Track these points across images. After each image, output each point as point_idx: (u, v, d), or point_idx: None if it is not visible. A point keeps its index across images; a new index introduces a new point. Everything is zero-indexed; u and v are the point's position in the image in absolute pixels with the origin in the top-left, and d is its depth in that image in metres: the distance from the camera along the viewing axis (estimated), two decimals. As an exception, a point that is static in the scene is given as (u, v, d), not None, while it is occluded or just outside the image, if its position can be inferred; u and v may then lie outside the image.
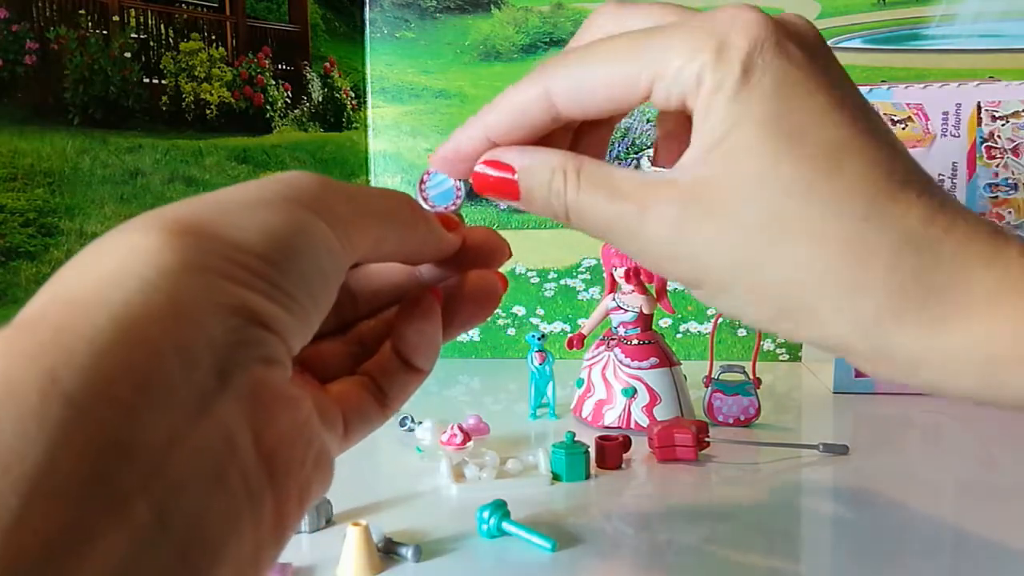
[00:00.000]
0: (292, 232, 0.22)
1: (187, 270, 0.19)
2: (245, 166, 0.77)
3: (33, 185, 0.63)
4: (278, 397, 0.20)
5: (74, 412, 0.16)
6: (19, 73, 0.62)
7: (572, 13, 0.85)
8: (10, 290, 0.62)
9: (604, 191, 0.28)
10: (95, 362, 0.16)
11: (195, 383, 0.18)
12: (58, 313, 0.17)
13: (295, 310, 0.21)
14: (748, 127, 0.26)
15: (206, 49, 0.74)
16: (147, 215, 0.20)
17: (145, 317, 0.17)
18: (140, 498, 0.16)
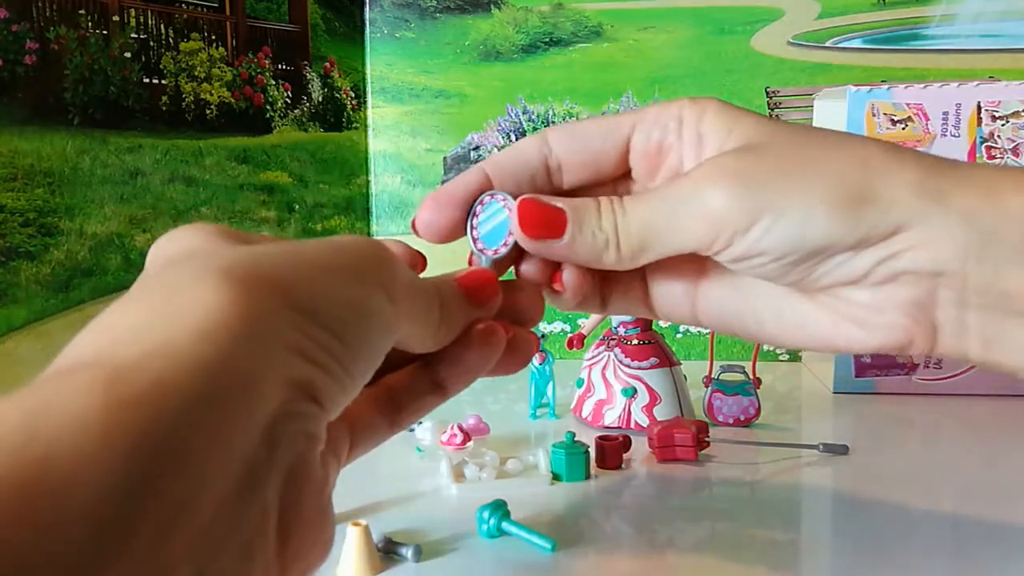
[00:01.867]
0: (366, 313, 0.22)
1: (261, 338, 0.19)
2: (245, 166, 0.77)
3: (33, 185, 0.63)
4: (310, 478, 0.20)
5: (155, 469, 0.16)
6: (19, 73, 0.62)
7: (572, 13, 0.85)
8: (10, 290, 0.62)
9: (642, 197, 0.31)
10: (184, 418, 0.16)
11: (250, 452, 0.18)
12: (156, 367, 0.17)
13: (347, 385, 0.22)
14: (752, 122, 0.30)
15: (206, 49, 0.74)
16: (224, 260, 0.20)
17: (224, 382, 0.18)
18: (186, 563, 0.16)
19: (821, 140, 0.30)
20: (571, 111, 0.84)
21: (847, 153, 0.29)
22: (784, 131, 0.30)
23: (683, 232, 0.30)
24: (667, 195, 0.30)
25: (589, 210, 0.31)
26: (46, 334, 0.64)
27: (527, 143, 0.33)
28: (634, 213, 0.30)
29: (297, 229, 0.81)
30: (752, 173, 0.29)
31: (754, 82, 0.82)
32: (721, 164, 0.29)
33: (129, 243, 0.69)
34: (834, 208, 0.28)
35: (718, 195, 0.29)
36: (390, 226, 0.87)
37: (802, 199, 0.28)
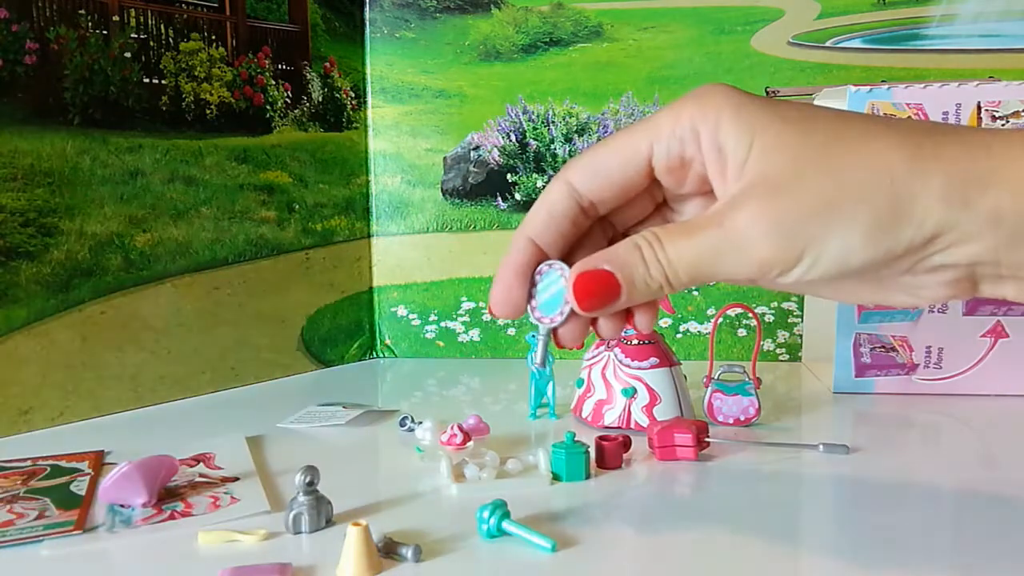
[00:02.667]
0: None
1: None
2: (245, 166, 0.77)
3: (33, 185, 0.63)
4: None
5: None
6: (19, 73, 0.62)
7: (572, 13, 0.85)
8: (10, 290, 0.62)
9: (683, 235, 0.32)
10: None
11: None
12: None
13: None
14: (767, 128, 0.31)
15: (206, 49, 0.74)
16: None
17: None
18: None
19: (843, 150, 0.31)
20: (571, 111, 0.84)
21: (872, 169, 0.30)
22: (804, 141, 0.31)
23: (731, 271, 0.32)
24: (710, 238, 0.32)
25: (636, 265, 0.33)
26: (46, 334, 0.64)
27: (554, 196, 0.35)
28: (680, 258, 0.32)
29: (297, 229, 0.81)
30: (790, 218, 0.30)
31: (754, 82, 0.82)
32: (759, 210, 0.31)
33: (129, 243, 0.69)
34: (870, 235, 0.30)
35: (762, 245, 0.31)
36: (390, 226, 0.87)
37: (841, 233, 0.30)
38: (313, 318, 0.83)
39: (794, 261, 0.31)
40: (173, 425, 0.66)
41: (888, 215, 0.30)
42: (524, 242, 0.36)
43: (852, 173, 0.30)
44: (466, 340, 0.87)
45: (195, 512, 0.45)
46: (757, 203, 0.31)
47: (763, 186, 0.31)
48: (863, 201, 0.30)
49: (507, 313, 0.36)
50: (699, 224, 0.32)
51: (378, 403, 0.72)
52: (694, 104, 0.32)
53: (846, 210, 0.30)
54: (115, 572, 0.40)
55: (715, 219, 0.32)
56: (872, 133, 0.31)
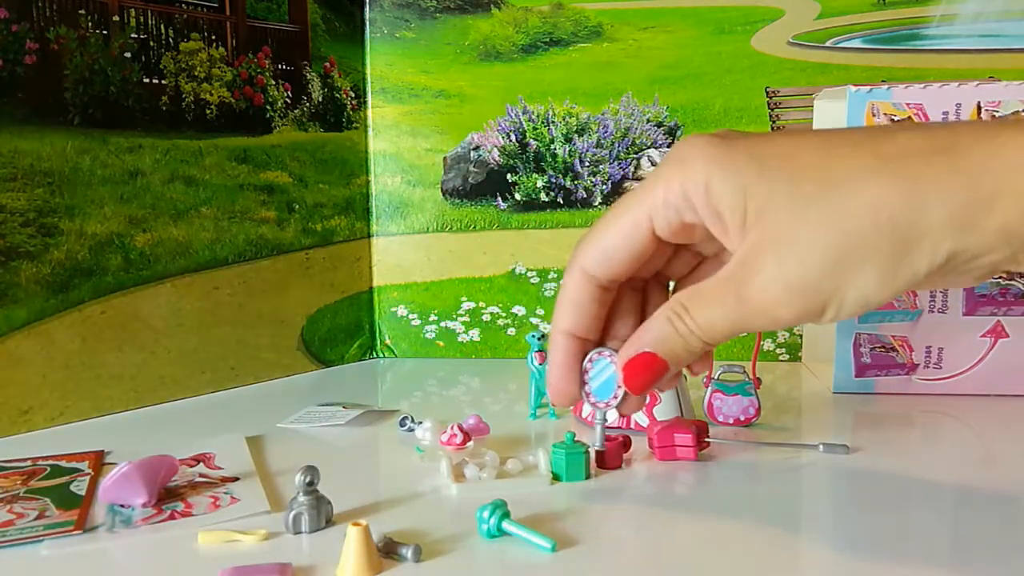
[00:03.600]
0: None
1: None
2: (245, 166, 0.77)
3: (33, 185, 0.63)
4: None
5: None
6: (19, 73, 0.62)
7: (572, 13, 0.85)
8: (10, 290, 0.62)
9: (708, 302, 0.34)
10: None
11: None
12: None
13: None
14: (756, 187, 0.32)
15: (206, 49, 0.74)
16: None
17: None
18: None
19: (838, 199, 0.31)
20: (571, 111, 0.84)
21: (871, 216, 0.30)
22: (795, 192, 0.31)
23: (762, 328, 0.34)
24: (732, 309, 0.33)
25: (674, 339, 0.35)
26: (46, 334, 0.64)
27: (574, 287, 0.37)
28: (711, 324, 0.34)
29: (297, 229, 0.81)
30: (802, 280, 0.31)
31: (754, 82, 0.82)
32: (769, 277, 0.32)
33: (129, 243, 0.69)
34: (885, 277, 0.31)
35: (782, 309, 0.32)
36: (390, 226, 0.87)
37: (856, 283, 0.31)
38: (313, 318, 0.83)
39: (818, 313, 0.32)
40: (173, 425, 0.66)
41: (898, 256, 0.30)
42: (562, 338, 0.38)
43: (852, 223, 0.30)
44: (466, 340, 0.87)
45: (195, 512, 0.45)
46: (765, 269, 0.32)
47: (766, 249, 0.32)
48: (870, 249, 0.30)
49: (567, 404, 0.40)
50: (720, 292, 0.34)
51: (378, 403, 0.72)
52: (680, 170, 0.33)
53: (855, 261, 0.31)
54: (115, 572, 0.40)
55: (732, 287, 0.33)
56: (863, 173, 0.31)
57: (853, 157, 0.31)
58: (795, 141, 0.33)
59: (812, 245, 0.31)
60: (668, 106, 0.84)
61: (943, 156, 0.30)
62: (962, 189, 0.30)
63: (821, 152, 0.32)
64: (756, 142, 0.33)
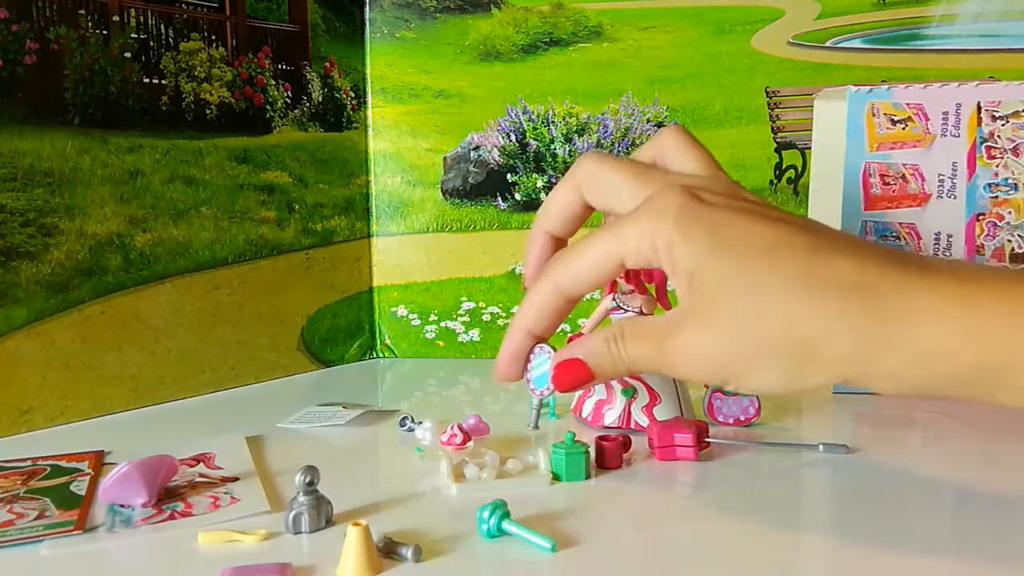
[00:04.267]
0: None
1: None
2: (245, 166, 0.77)
3: (33, 185, 0.63)
4: None
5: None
6: (19, 73, 0.62)
7: (572, 13, 0.85)
8: (10, 290, 0.62)
9: (641, 340, 0.39)
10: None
11: None
12: None
13: None
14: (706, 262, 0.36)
15: (206, 49, 0.74)
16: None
17: None
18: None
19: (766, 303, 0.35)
20: (571, 111, 0.84)
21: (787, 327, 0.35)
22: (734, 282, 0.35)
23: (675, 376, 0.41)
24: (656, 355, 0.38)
25: (603, 356, 0.39)
26: (46, 334, 0.64)
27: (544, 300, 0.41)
28: (636, 358, 0.39)
29: (297, 229, 0.81)
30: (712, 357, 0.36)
31: (754, 82, 0.82)
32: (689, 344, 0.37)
33: (129, 243, 0.69)
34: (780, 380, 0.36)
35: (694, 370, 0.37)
36: (390, 226, 0.87)
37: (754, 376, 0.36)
38: (313, 318, 0.83)
39: (723, 383, 0.37)
40: (173, 425, 0.66)
41: (798, 368, 0.35)
42: (521, 335, 0.42)
43: (770, 329, 0.35)
44: (466, 340, 0.87)
45: (195, 512, 0.45)
46: (686, 334, 0.37)
47: (695, 318, 0.36)
48: (776, 355, 0.35)
49: (507, 382, 0.44)
50: (652, 333, 0.38)
51: (378, 403, 0.72)
52: (654, 221, 0.37)
53: (760, 360, 0.35)
54: (115, 572, 0.40)
55: (658, 336, 0.38)
56: (793, 289, 0.35)
57: (790, 269, 0.35)
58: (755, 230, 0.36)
59: (729, 333, 0.36)
60: (668, 106, 0.84)
61: (864, 297, 0.34)
62: (868, 331, 0.34)
63: (769, 255, 0.36)
64: (721, 219, 0.37)
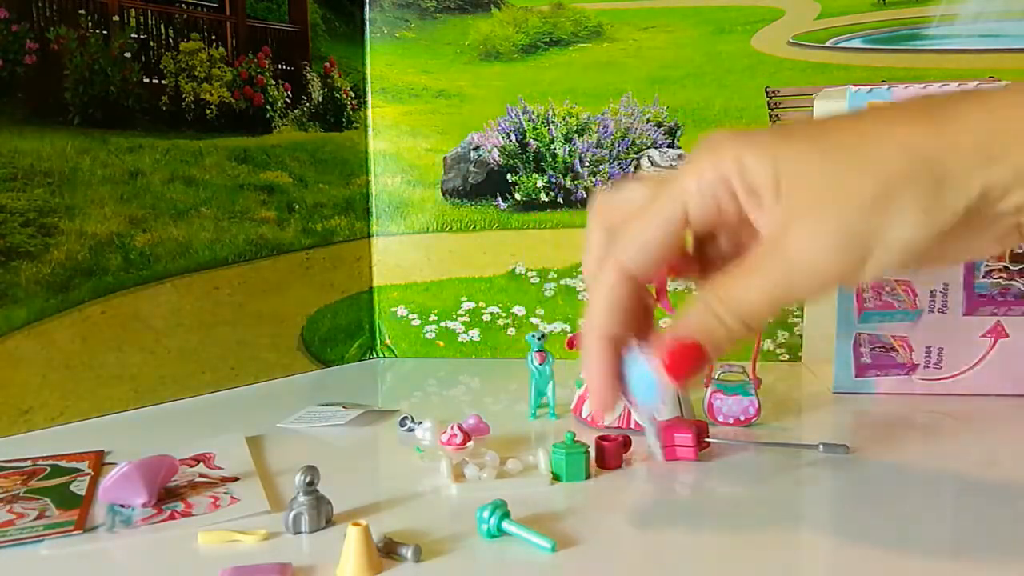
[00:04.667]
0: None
1: None
2: (245, 166, 0.77)
3: (33, 185, 0.63)
4: None
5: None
6: (19, 73, 0.62)
7: (572, 13, 0.85)
8: (10, 290, 0.62)
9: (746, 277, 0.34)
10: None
11: None
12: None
13: None
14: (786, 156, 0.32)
15: (206, 49, 0.74)
16: None
17: None
18: None
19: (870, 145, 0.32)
20: (571, 111, 0.84)
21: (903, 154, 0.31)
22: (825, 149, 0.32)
23: (806, 292, 0.33)
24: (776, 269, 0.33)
25: (713, 325, 0.34)
26: (46, 334, 0.64)
27: (616, 291, 0.36)
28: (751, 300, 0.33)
29: (297, 229, 0.81)
30: (845, 225, 0.31)
31: (754, 82, 0.82)
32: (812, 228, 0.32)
33: (129, 243, 0.69)
34: (926, 214, 0.31)
35: (829, 259, 0.32)
36: (390, 226, 0.87)
37: (898, 222, 0.31)
38: (313, 318, 0.83)
39: (863, 261, 0.31)
40: (173, 425, 0.66)
41: (934, 192, 0.31)
42: (605, 343, 0.36)
43: (886, 164, 0.31)
44: (466, 340, 0.87)
45: (195, 512, 0.45)
46: (807, 222, 0.32)
47: (805, 205, 0.32)
48: (907, 185, 0.31)
49: (610, 411, 0.39)
50: (759, 261, 0.33)
51: (378, 403, 0.72)
52: (710, 157, 0.33)
53: (895, 199, 0.31)
54: (115, 572, 0.40)
55: (772, 250, 0.33)
56: (890, 121, 0.32)
57: (875, 114, 0.32)
58: (817, 120, 0.35)
59: (849, 192, 0.31)
60: (668, 106, 0.84)
61: (962, 101, 0.31)
62: (986, 123, 0.31)
63: (841, 120, 0.33)
64: (779, 127, 0.35)
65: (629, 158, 0.85)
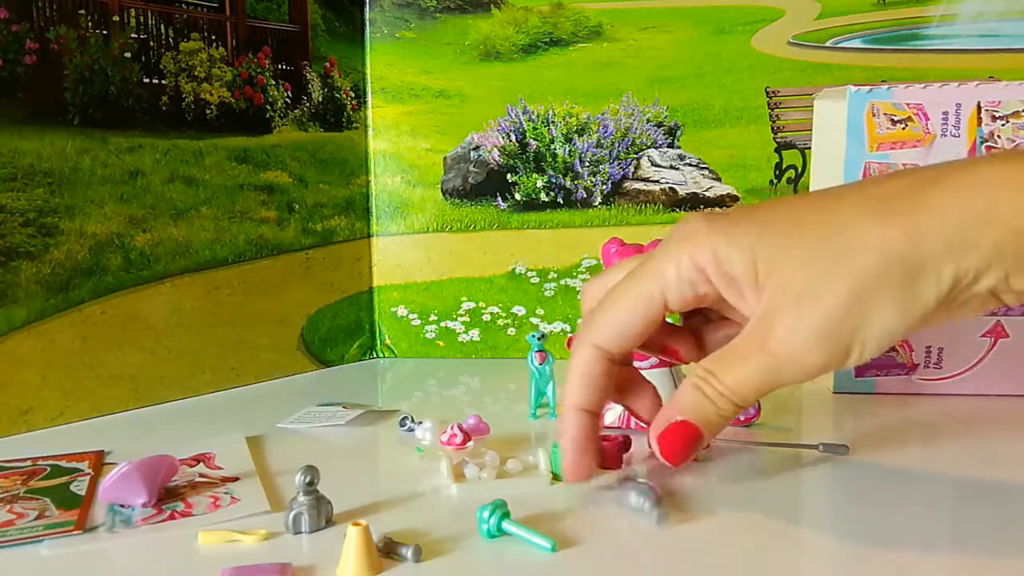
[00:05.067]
0: None
1: None
2: (245, 166, 0.77)
3: (33, 185, 0.63)
4: None
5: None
6: (19, 73, 0.62)
7: (572, 13, 0.85)
8: (10, 290, 0.62)
9: (734, 363, 0.35)
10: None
11: None
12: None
13: None
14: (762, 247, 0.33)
15: (206, 49, 0.74)
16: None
17: None
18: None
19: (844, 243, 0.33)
20: (571, 111, 0.84)
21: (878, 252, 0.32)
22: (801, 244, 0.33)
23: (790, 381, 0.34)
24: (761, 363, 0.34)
25: (704, 405, 0.35)
26: (46, 334, 0.64)
27: (586, 362, 0.38)
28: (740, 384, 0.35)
29: (297, 229, 0.81)
30: (826, 321, 0.32)
31: (754, 82, 0.82)
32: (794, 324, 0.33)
33: (129, 243, 0.69)
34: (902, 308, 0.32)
35: (811, 354, 0.33)
36: (390, 226, 0.87)
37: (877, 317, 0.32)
38: (313, 318, 0.83)
39: (844, 356, 0.33)
40: (173, 425, 0.66)
41: (909, 286, 0.32)
42: (576, 414, 0.39)
43: (862, 263, 0.32)
44: (466, 340, 0.87)
45: (195, 512, 0.45)
46: (789, 318, 0.33)
47: (785, 299, 0.33)
48: (882, 283, 0.32)
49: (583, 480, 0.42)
50: (744, 350, 0.35)
51: (378, 403, 0.72)
52: (686, 245, 0.35)
53: (870, 298, 0.32)
54: (115, 572, 0.40)
55: (756, 342, 0.34)
56: (863, 216, 0.33)
57: (848, 204, 0.33)
58: (788, 202, 0.35)
59: (828, 289, 0.32)
60: (668, 106, 0.84)
61: (932, 187, 0.32)
62: (954, 213, 0.32)
63: (816, 207, 0.34)
64: (752, 210, 0.34)
65: (629, 158, 0.85)
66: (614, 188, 0.85)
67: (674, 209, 0.84)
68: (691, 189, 0.84)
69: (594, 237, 0.84)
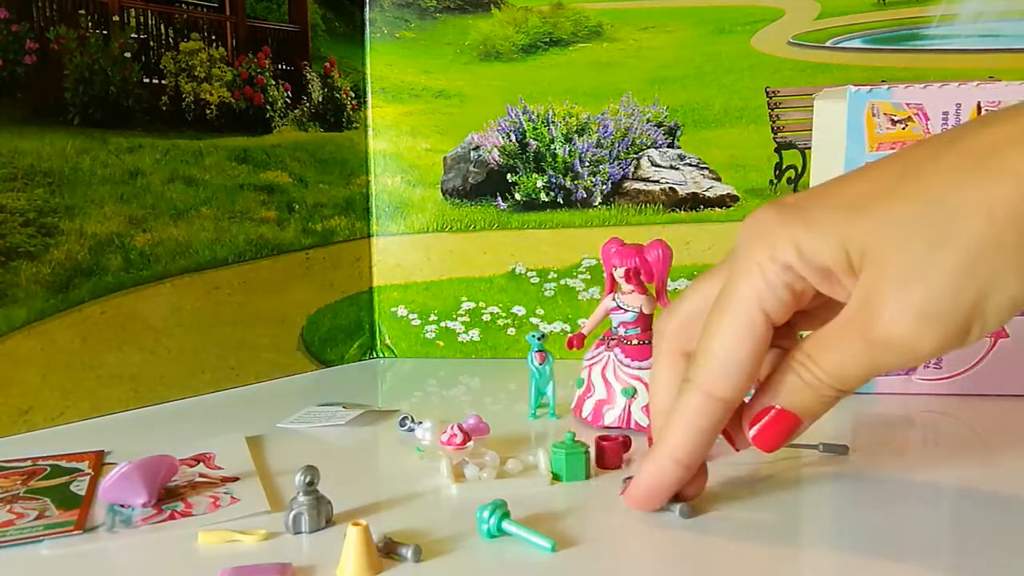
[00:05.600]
0: None
1: None
2: (245, 166, 0.77)
3: (33, 185, 0.63)
4: None
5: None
6: (19, 73, 0.62)
7: (572, 13, 0.85)
8: (10, 290, 0.62)
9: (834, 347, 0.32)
10: None
11: None
12: None
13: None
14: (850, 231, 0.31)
15: (206, 49, 0.74)
16: None
17: None
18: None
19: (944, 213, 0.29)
20: (571, 111, 0.84)
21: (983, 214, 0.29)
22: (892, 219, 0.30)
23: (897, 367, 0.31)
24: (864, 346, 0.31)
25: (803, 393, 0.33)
26: (46, 334, 0.64)
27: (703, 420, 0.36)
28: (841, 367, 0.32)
29: (297, 229, 0.81)
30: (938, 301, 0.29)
31: (754, 82, 0.82)
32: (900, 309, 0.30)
33: (129, 243, 0.69)
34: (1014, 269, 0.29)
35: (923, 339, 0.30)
36: (390, 226, 0.87)
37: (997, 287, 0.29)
38: (313, 318, 0.83)
39: (963, 334, 0.30)
40: (173, 425, 0.66)
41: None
42: (674, 466, 0.38)
43: (968, 230, 0.29)
44: (466, 340, 0.87)
45: (195, 512, 0.45)
46: (890, 304, 0.30)
47: (886, 284, 0.30)
48: (998, 250, 0.29)
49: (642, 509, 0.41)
50: (846, 335, 0.32)
51: (378, 403, 0.72)
52: (763, 246, 0.32)
53: (986, 267, 0.29)
54: (115, 572, 0.40)
55: (858, 328, 0.31)
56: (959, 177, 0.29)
57: (937, 164, 0.30)
58: (866, 175, 0.31)
59: (935, 266, 0.29)
60: (668, 106, 0.84)
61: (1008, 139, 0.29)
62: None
63: (898, 173, 0.30)
64: (823, 192, 0.31)
65: (629, 158, 0.85)
66: (614, 188, 0.85)
67: (674, 209, 0.84)
68: (691, 189, 0.84)
69: (594, 237, 0.84)
